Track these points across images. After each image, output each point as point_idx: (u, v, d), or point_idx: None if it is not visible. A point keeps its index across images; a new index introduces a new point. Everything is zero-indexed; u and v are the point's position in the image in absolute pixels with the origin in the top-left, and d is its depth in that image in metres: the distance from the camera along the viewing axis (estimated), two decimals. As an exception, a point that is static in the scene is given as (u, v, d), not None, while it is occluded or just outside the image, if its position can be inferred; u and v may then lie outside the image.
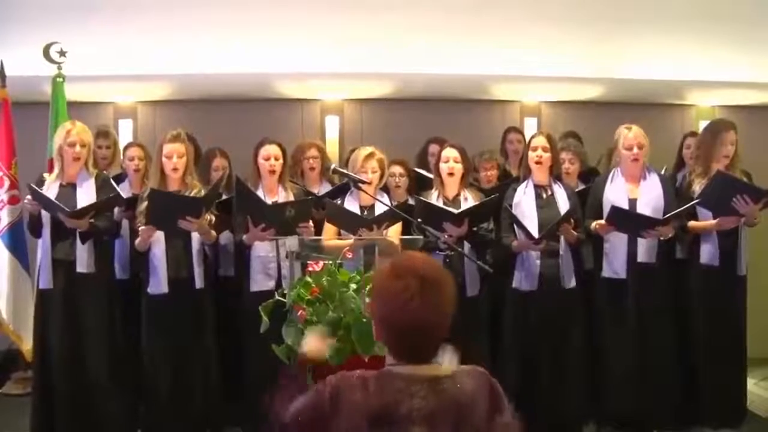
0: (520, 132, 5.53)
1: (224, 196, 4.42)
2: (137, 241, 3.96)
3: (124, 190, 4.45)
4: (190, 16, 5.00)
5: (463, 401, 1.66)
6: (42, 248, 4.05)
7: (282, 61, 5.15)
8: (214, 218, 4.05)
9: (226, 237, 4.34)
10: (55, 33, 4.74)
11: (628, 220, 4.10)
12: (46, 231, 4.01)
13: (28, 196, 3.97)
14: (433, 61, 5.21)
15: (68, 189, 4.03)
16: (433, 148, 5.00)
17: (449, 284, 1.72)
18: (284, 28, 5.05)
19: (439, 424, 1.63)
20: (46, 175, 4.11)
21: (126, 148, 4.79)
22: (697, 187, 4.22)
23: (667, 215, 4.04)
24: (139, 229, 3.92)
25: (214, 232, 4.04)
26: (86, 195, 4.02)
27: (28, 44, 4.74)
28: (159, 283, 3.97)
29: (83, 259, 3.99)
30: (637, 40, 5.31)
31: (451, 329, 1.97)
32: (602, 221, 4.12)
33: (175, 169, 4.00)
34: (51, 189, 3.99)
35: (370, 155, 4.21)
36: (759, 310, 4.61)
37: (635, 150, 4.18)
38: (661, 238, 4.11)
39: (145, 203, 3.90)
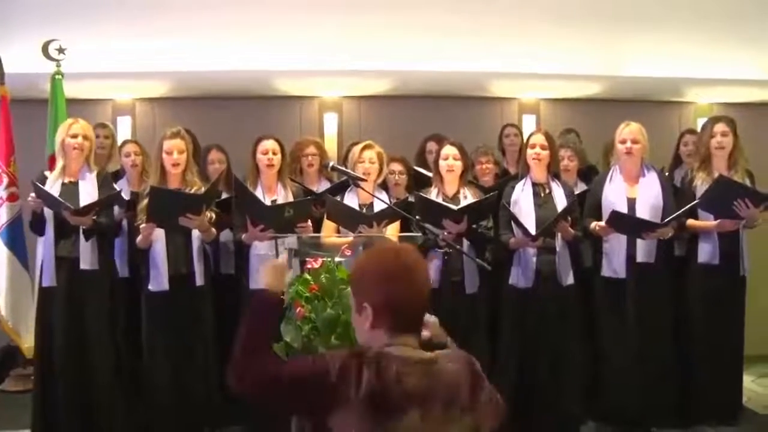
0: (517, 127, 5.55)
1: (224, 194, 4.43)
2: (138, 238, 3.96)
3: (123, 187, 4.46)
4: (188, 13, 5.00)
5: (450, 382, 1.74)
6: (45, 246, 4.04)
7: (280, 59, 5.15)
8: (214, 216, 4.06)
9: (226, 234, 4.35)
10: (53, 30, 4.74)
11: (627, 223, 4.11)
12: (50, 228, 4.01)
13: (32, 194, 3.97)
14: (431, 58, 5.22)
15: (70, 186, 4.03)
16: (431, 145, 5.01)
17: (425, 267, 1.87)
18: (282, 25, 5.06)
19: (432, 405, 1.69)
20: (47, 172, 4.10)
21: (122, 145, 4.80)
22: (699, 182, 4.26)
23: (667, 219, 4.05)
24: (140, 226, 3.92)
25: (214, 230, 4.05)
26: (88, 192, 4.02)
27: (27, 41, 4.74)
28: (159, 280, 3.98)
29: (87, 256, 3.99)
30: (636, 38, 5.32)
31: (451, 326, 2.01)
32: (602, 223, 4.13)
33: (175, 165, 4.01)
34: (53, 187, 3.99)
35: (368, 146, 4.23)
36: (756, 307, 4.62)
37: (628, 144, 4.20)
38: (661, 238, 4.13)
39: (146, 201, 3.90)
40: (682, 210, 4.08)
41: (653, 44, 5.32)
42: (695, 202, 4.15)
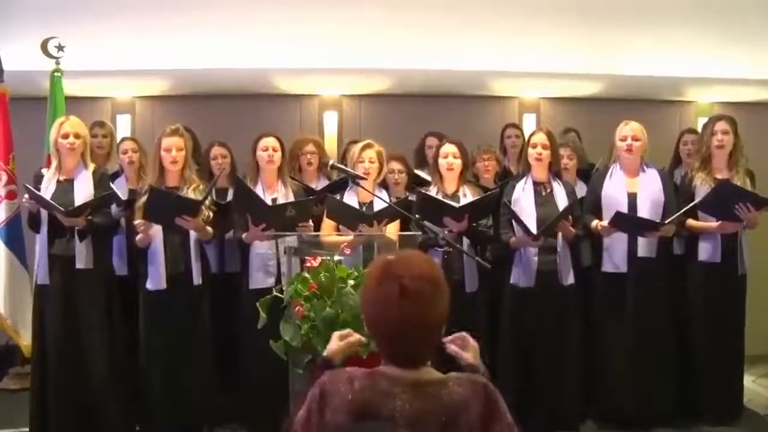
0: (518, 128, 5.53)
1: (230, 190, 4.44)
2: (137, 237, 3.94)
3: (121, 185, 4.45)
4: (188, 11, 4.99)
5: (452, 407, 1.62)
6: (40, 244, 4.03)
7: (280, 57, 5.14)
8: (212, 214, 4.04)
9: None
10: (53, 28, 4.72)
11: (630, 223, 4.11)
12: (44, 227, 4.00)
13: (26, 195, 3.96)
14: (431, 56, 5.21)
15: (66, 184, 4.01)
16: (431, 140, 5.00)
17: (435, 292, 1.66)
18: (282, 23, 5.04)
19: (423, 428, 1.60)
20: (44, 170, 4.09)
21: (119, 142, 4.79)
22: (698, 181, 4.26)
23: (670, 219, 4.05)
24: (136, 223, 3.91)
25: (210, 229, 4.03)
26: (83, 190, 4.00)
27: (26, 39, 4.72)
28: (157, 279, 3.96)
29: (82, 254, 3.97)
30: (637, 36, 5.30)
31: (450, 325, 1.96)
32: (604, 223, 4.12)
33: (174, 162, 3.99)
34: (49, 185, 3.98)
35: (368, 145, 4.21)
36: (757, 307, 4.61)
37: (629, 141, 4.20)
38: (664, 235, 4.13)
39: (144, 198, 3.89)
40: (685, 209, 4.08)
41: (654, 43, 5.31)
42: (697, 201, 4.15)
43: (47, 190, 3.95)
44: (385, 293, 1.64)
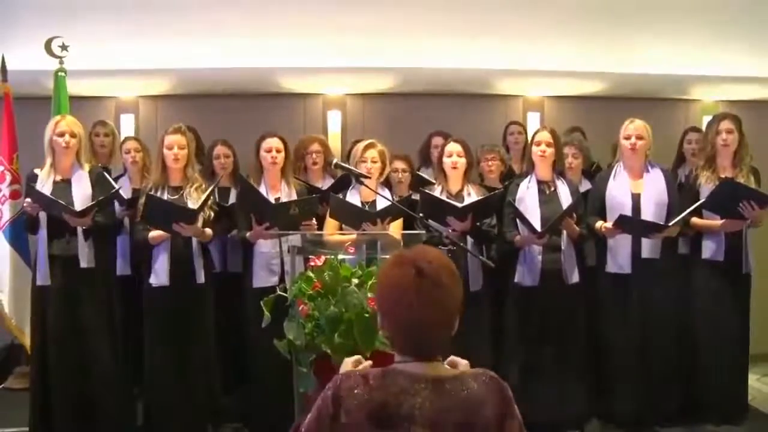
0: (521, 125, 5.53)
1: (232, 190, 4.43)
2: (152, 234, 3.94)
3: (124, 184, 4.45)
4: (191, 10, 4.99)
5: (470, 404, 1.61)
6: (39, 245, 4.02)
7: (284, 56, 5.13)
8: (213, 214, 4.04)
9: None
10: (57, 28, 4.72)
11: (634, 225, 4.10)
12: (42, 228, 3.99)
13: (28, 199, 3.95)
14: (435, 55, 5.20)
15: (63, 185, 4.00)
16: (436, 140, 5.00)
17: (450, 279, 1.65)
18: (286, 22, 5.04)
19: (442, 426, 1.58)
20: (37, 170, 4.06)
21: (123, 142, 4.80)
22: (703, 180, 4.25)
23: (674, 221, 4.03)
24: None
25: (209, 231, 4.02)
26: (82, 190, 4.00)
27: (30, 39, 4.73)
28: (160, 276, 3.96)
29: (84, 253, 3.98)
30: (641, 35, 5.29)
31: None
32: (608, 224, 4.11)
33: (176, 160, 4.00)
34: (45, 185, 3.96)
35: (370, 145, 4.22)
36: (761, 306, 4.60)
37: (633, 140, 4.19)
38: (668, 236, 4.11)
39: (142, 200, 3.92)
40: (689, 210, 4.07)
41: (659, 41, 5.30)
42: (701, 202, 4.14)
43: (43, 190, 3.94)
44: (402, 274, 1.63)
